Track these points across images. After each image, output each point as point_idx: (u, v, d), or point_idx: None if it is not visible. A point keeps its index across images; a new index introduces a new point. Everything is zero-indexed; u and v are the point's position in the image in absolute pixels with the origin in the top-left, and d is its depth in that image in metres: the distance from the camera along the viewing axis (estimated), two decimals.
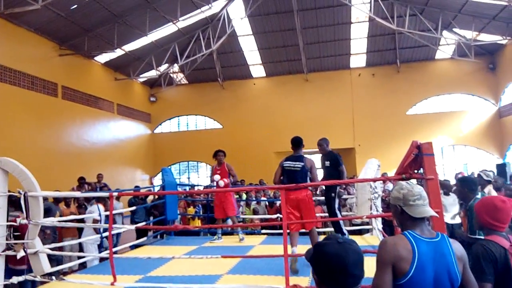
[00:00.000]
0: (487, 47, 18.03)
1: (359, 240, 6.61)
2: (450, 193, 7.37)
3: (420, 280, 1.86)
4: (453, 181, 9.43)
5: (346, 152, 20.18)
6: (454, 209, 7.27)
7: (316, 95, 20.51)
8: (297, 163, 5.34)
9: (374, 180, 6.41)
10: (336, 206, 6.00)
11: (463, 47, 17.39)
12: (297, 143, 5.55)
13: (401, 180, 3.69)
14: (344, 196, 8.85)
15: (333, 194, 5.99)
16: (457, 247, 2.00)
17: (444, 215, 6.84)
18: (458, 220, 7.43)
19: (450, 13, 16.24)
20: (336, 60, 20.36)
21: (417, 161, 3.66)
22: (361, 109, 20.02)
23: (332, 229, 6.85)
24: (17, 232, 5.77)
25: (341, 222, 6.07)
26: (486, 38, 17.11)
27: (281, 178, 5.35)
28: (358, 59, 20.48)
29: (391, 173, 13.40)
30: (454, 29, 17.52)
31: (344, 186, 9.13)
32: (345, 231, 6.22)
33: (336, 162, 6.01)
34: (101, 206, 7.05)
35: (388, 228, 7.19)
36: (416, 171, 3.73)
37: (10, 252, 4.36)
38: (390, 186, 9.57)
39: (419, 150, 3.59)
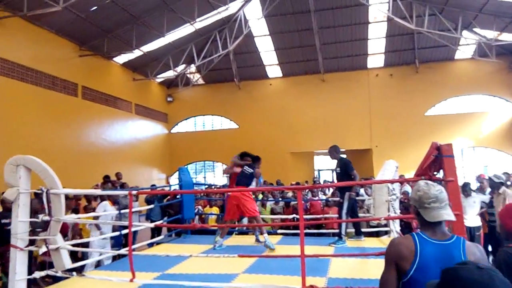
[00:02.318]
0: (509, 47, 17.61)
1: (376, 242, 6.56)
2: (470, 195, 7.27)
3: (421, 281, 1.80)
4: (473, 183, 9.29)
5: (362, 153, 20.05)
6: (473, 211, 7.16)
7: (332, 96, 20.41)
8: (250, 169, 6.62)
9: (392, 182, 6.35)
10: (344, 210, 6.33)
11: (483, 47, 17.06)
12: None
13: None
14: (362, 198, 8.80)
15: (341, 200, 6.45)
16: (472, 251, 1.91)
17: (465, 219, 6.80)
18: (478, 223, 7.32)
19: (471, 12, 15.95)
20: (353, 60, 20.21)
21: (437, 163, 3.61)
22: (378, 110, 19.83)
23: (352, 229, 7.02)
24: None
25: (343, 226, 6.33)
26: (508, 37, 16.74)
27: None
28: (375, 60, 20.29)
29: (409, 175, 13.25)
30: (475, 29, 17.21)
31: (356, 191, 9.11)
32: (343, 235, 6.32)
33: (346, 168, 6.42)
34: (109, 204, 7.03)
35: (407, 230, 7.10)
36: (435, 173, 3.69)
37: (32, 248, 4.45)
38: (408, 188, 9.45)
39: (439, 151, 3.54)
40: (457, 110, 19.47)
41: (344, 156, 6.86)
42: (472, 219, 7.16)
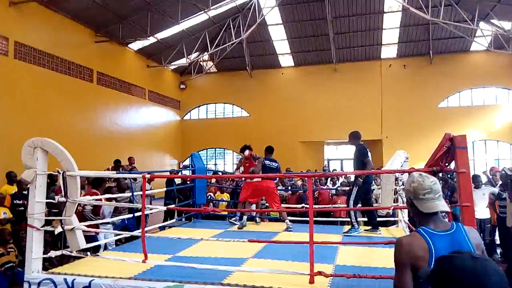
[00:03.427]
0: None
1: (384, 232, 6.60)
2: (480, 187, 7.26)
3: None
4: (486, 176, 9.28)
5: (373, 144, 19.93)
6: (483, 203, 7.15)
7: (344, 86, 20.29)
8: (273, 163, 7.09)
9: (403, 172, 6.34)
10: (352, 199, 6.25)
11: (500, 39, 16.74)
12: (271, 149, 7.27)
13: (432, 173, 3.68)
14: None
15: (351, 187, 6.47)
16: (474, 236, 1.94)
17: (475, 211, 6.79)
18: (487, 215, 7.33)
19: (489, 3, 15.62)
20: (367, 51, 20.02)
21: (449, 154, 3.60)
22: (390, 101, 19.68)
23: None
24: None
25: (351, 214, 6.29)
26: None
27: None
28: (389, 50, 20.08)
29: (419, 167, 13.17)
30: (492, 20, 16.87)
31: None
32: (355, 223, 6.24)
33: (359, 155, 6.37)
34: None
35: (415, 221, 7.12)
36: (447, 164, 3.69)
37: (48, 228, 4.59)
38: None
39: (452, 142, 3.53)
40: (470, 103, 19.24)
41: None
42: (482, 211, 7.17)
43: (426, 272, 1.48)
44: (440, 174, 4.90)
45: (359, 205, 6.31)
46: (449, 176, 8.49)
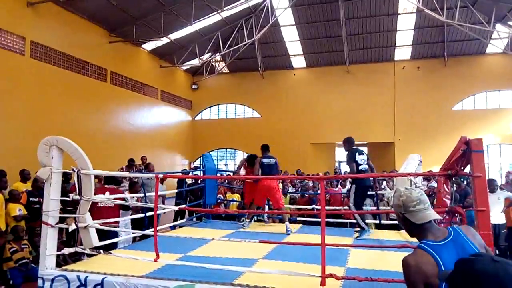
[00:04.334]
0: None
1: (396, 235, 6.54)
2: (495, 192, 7.14)
3: None
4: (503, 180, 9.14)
5: (385, 147, 19.85)
6: (498, 208, 7.03)
7: (357, 87, 20.17)
8: (271, 159, 7.23)
9: (417, 175, 6.27)
10: (351, 201, 6.30)
11: None
12: (267, 147, 7.37)
13: (447, 176, 3.62)
14: (383, 191, 8.75)
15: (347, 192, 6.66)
16: (472, 233, 1.95)
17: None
18: (502, 220, 7.20)
19: (506, 5, 15.38)
20: (380, 52, 19.87)
21: (465, 157, 3.55)
22: (403, 103, 19.50)
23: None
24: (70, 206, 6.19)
25: (358, 218, 6.27)
26: None
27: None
28: (403, 52, 19.90)
29: (432, 170, 13.03)
30: (509, 22, 16.60)
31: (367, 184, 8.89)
32: (363, 225, 6.23)
33: (346, 160, 6.49)
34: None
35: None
36: (462, 168, 3.64)
37: (62, 225, 4.64)
38: (434, 184, 9.33)
39: (468, 146, 3.49)
40: (485, 106, 18.96)
41: (361, 148, 6.75)
42: (497, 216, 7.03)
43: (446, 274, 1.46)
44: (454, 178, 4.84)
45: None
46: (462, 179, 8.38)
